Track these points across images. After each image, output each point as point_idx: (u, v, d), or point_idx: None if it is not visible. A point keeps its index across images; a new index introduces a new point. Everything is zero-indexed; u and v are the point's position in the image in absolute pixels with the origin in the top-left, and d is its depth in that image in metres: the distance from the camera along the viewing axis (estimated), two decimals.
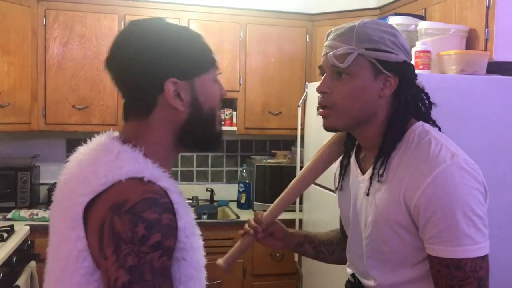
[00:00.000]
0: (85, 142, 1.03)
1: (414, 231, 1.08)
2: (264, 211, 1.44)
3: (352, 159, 1.29)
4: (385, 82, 1.13)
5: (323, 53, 1.18)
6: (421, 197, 1.04)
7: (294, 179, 1.43)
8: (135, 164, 0.90)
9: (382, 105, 1.15)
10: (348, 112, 1.14)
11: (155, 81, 0.95)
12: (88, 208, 0.87)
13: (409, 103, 1.15)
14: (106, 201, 0.86)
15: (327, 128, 1.20)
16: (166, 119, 0.97)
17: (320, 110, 1.20)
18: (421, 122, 1.16)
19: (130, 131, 0.99)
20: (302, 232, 1.52)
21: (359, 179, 1.23)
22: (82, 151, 1.00)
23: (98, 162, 0.91)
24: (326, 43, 1.18)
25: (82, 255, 0.87)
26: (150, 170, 0.90)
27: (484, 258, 1.03)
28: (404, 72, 1.13)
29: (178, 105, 0.96)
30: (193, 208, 3.35)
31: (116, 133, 1.03)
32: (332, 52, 1.14)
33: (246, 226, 1.42)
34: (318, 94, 1.20)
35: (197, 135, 1.01)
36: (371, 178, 1.16)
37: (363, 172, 1.22)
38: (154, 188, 0.88)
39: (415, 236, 1.09)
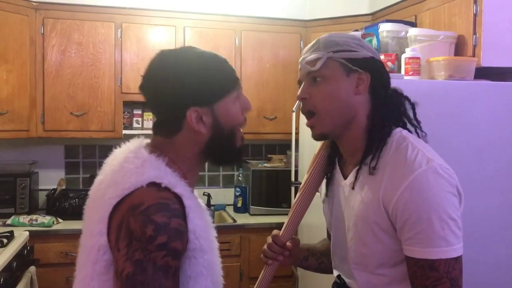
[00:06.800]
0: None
1: (393, 233, 1.13)
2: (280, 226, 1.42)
3: (335, 165, 1.34)
4: (358, 80, 1.19)
5: (299, 69, 1.26)
6: (398, 201, 1.09)
7: (299, 192, 1.43)
8: (156, 171, 1.01)
9: (360, 103, 1.20)
10: (330, 115, 1.20)
11: (179, 110, 1.06)
12: (114, 208, 0.99)
13: (387, 104, 1.21)
14: (127, 203, 0.97)
15: (315, 137, 1.25)
16: (190, 140, 1.08)
17: (307, 121, 1.26)
18: (399, 129, 1.21)
19: (158, 144, 1.10)
20: (305, 246, 1.52)
21: (341, 185, 1.28)
22: (114, 157, 1.11)
23: (126, 168, 1.03)
24: (299, 60, 1.26)
25: (103, 248, 0.99)
26: (169, 178, 1.01)
27: (457, 259, 1.07)
28: (373, 66, 1.20)
29: (201, 129, 1.07)
30: None
31: (146, 141, 1.13)
32: (303, 59, 1.23)
33: (268, 250, 1.40)
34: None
35: (219, 153, 1.11)
36: (353, 183, 1.21)
37: (345, 178, 1.27)
38: (168, 195, 0.98)
39: (394, 238, 1.14)
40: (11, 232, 2.74)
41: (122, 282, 0.92)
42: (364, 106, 1.21)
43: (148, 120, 3.47)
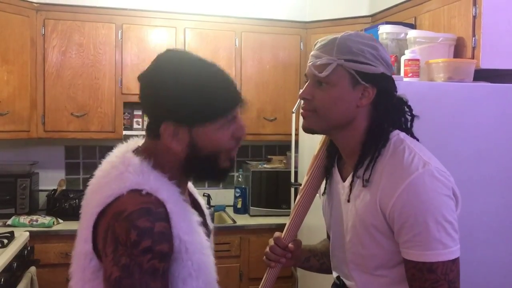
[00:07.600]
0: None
1: (390, 235, 1.14)
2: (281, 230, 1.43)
3: (334, 166, 1.34)
4: (363, 92, 1.18)
5: (308, 62, 1.25)
6: (395, 204, 1.10)
7: (300, 194, 1.43)
8: (139, 177, 1.01)
9: (360, 113, 1.20)
10: (327, 118, 1.20)
11: (156, 119, 1.05)
12: (100, 216, 1.01)
13: (389, 112, 1.21)
14: (111, 210, 0.99)
15: (306, 129, 1.26)
16: (168, 150, 1.06)
17: (302, 111, 1.26)
18: (397, 131, 1.21)
19: (147, 146, 1.11)
20: (306, 247, 1.51)
21: (339, 186, 1.29)
22: (106, 160, 1.12)
23: (111, 174, 1.04)
24: (311, 53, 1.24)
25: (89, 255, 1.01)
26: (151, 183, 1.01)
27: (455, 261, 1.08)
28: (382, 83, 1.18)
29: (174, 145, 1.04)
30: None
31: (137, 143, 1.14)
32: (312, 62, 1.21)
33: (270, 253, 1.40)
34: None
35: (199, 171, 1.10)
36: (351, 185, 1.22)
37: (344, 179, 1.27)
38: (151, 199, 0.98)
39: (392, 240, 1.15)
40: (12, 233, 2.75)
41: (111, 286, 0.94)
42: (364, 116, 1.21)
43: None
